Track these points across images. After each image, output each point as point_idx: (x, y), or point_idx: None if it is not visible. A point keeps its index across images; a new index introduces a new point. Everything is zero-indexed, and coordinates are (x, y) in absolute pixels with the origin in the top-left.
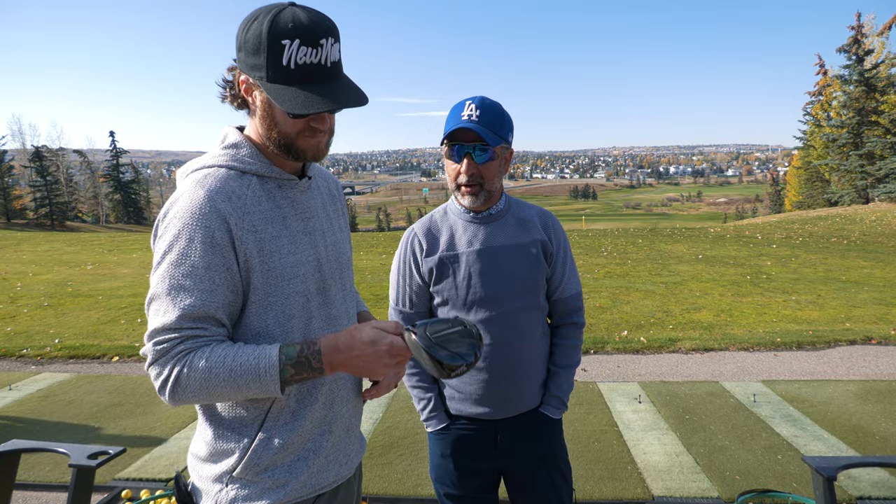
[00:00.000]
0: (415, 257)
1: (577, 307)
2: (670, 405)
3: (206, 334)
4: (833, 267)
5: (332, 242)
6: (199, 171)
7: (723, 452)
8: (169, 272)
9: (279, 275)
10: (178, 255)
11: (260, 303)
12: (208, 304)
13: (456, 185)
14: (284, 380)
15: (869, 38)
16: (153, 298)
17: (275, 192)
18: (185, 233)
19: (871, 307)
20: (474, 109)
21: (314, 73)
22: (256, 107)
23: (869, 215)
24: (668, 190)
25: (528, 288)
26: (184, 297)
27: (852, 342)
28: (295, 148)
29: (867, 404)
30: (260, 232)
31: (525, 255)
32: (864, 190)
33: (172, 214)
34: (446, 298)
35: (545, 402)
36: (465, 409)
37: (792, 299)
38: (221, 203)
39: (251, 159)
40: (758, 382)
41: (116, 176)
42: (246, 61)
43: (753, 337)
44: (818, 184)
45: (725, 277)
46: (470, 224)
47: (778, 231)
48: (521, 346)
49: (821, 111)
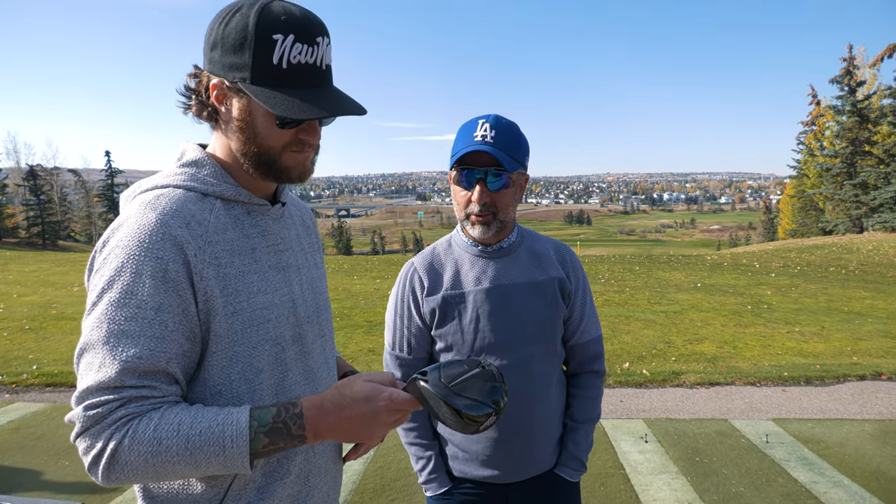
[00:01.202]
0: (414, 296)
1: (597, 353)
2: (678, 445)
3: (154, 395)
4: (834, 297)
5: (308, 280)
6: (150, 192)
7: (738, 500)
8: (108, 315)
9: (247, 318)
10: (120, 292)
11: (223, 353)
12: (158, 355)
13: (465, 214)
14: (255, 451)
15: (861, 69)
16: (85, 349)
17: (243, 219)
18: (129, 265)
19: (878, 340)
20: (488, 129)
21: (309, 75)
22: (231, 117)
23: (865, 244)
24: (662, 216)
25: (545, 332)
26: (127, 345)
27: (862, 377)
28: (278, 165)
29: (886, 447)
30: (224, 266)
31: (541, 294)
32: (858, 219)
33: (114, 243)
34: (450, 344)
35: (562, 462)
36: (471, 470)
37: (796, 331)
38: (177, 229)
39: (214, 179)
40: (768, 421)
41: (111, 196)
42: (222, 60)
43: (760, 371)
44: (812, 212)
45: (726, 307)
46: (478, 259)
47: (775, 259)
48: (535, 399)
49: (814, 140)
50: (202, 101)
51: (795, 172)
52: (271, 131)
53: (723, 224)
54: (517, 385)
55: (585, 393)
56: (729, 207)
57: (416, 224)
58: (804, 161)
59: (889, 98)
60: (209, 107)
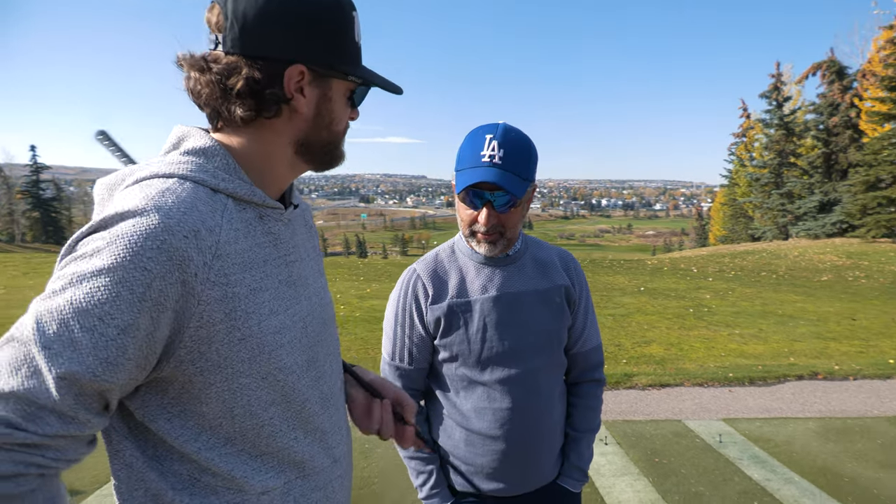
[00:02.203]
0: (418, 304)
1: (598, 362)
2: (637, 447)
3: (76, 433)
4: (769, 301)
5: (315, 292)
6: (149, 181)
7: (699, 499)
8: (62, 314)
9: (256, 346)
10: (87, 295)
11: (223, 385)
12: (101, 382)
13: (470, 231)
14: None
15: (787, 85)
16: (15, 338)
17: (254, 225)
18: (110, 267)
19: (811, 341)
20: (497, 148)
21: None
22: (306, 104)
23: (792, 251)
24: (601, 222)
25: (551, 341)
26: (70, 358)
27: (800, 377)
28: (339, 150)
29: (829, 443)
30: (233, 284)
31: (547, 302)
32: (784, 227)
33: (105, 237)
34: (455, 354)
35: (565, 473)
36: (476, 484)
37: (736, 333)
38: (181, 239)
39: (226, 174)
40: (719, 421)
41: (36, 193)
42: (308, 41)
43: (706, 372)
44: (742, 220)
45: (669, 310)
46: (483, 266)
47: (711, 264)
48: (542, 411)
49: (745, 152)
50: (273, 96)
51: (727, 181)
52: (344, 115)
53: (658, 230)
54: (524, 397)
55: (587, 402)
56: (663, 214)
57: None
58: (735, 171)
59: (812, 113)
60: (278, 100)
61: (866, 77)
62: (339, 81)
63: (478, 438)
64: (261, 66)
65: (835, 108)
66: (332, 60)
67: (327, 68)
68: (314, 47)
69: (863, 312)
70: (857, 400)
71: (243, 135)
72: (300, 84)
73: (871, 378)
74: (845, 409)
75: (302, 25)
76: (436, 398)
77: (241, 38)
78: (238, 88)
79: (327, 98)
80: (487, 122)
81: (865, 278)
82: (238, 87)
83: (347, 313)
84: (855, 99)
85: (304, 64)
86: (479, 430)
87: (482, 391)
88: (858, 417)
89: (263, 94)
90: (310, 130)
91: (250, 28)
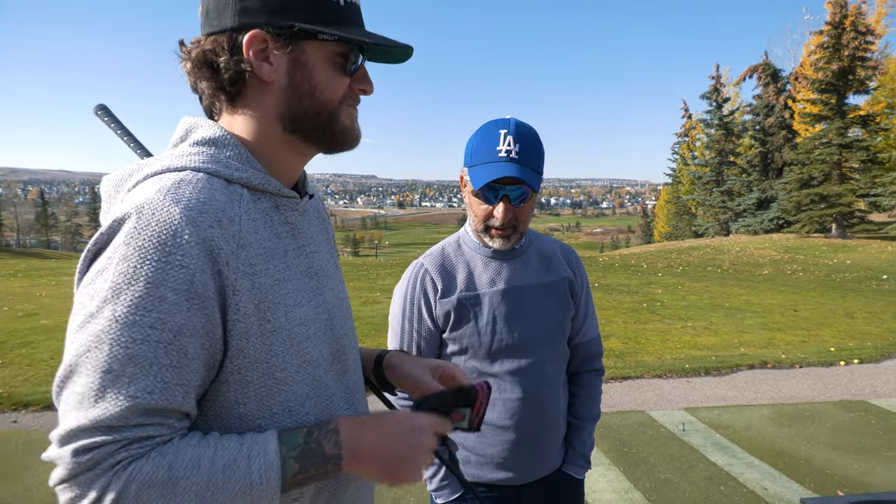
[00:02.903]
0: (426, 298)
1: (598, 352)
2: (606, 438)
3: (161, 434)
4: (716, 294)
5: (336, 285)
6: (161, 176)
7: (668, 486)
8: (111, 333)
9: (286, 338)
10: (130, 306)
11: (260, 382)
12: (174, 388)
13: (485, 226)
14: (285, 482)
15: (726, 87)
16: (75, 373)
17: (271, 215)
18: (145, 272)
19: (758, 332)
20: (512, 143)
21: (358, 16)
22: (277, 73)
23: (734, 246)
24: (550, 220)
25: (557, 333)
26: (135, 375)
27: (751, 367)
28: (338, 126)
29: (783, 428)
30: (258, 275)
31: (553, 294)
32: (725, 223)
33: (123, 240)
34: (465, 346)
35: (569, 460)
36: (485, 474)
37: (689, 325)
38: (208, 228)
39: (240, 163)
40: (681, 410)
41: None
42: (265, 5)
43: (664, 364)
44: (685, 217)
45: (624, 305)
46: (491, 260)
47: (659, 260)
48: (549, 400)
49: (687, 151)
50: (229, 66)
51: (671, 180)
52: (331, 81)
53: (605, 227)
54: (533, 388)
55: (588, 392)
56: (610, 212)
57: None
58: (678, 169)
59: (749, 114)
60: (239, 71)
61: (799, 80)
62: (315, 43)
63: (488, 429)
64: (221, 40)
65: (770, 109)
66: (293, 19)
67: (289, 29)
68: (275, 9)
69: (803, 304)
70: (804, 386)
71: (236, 120)
72: (265, 52)
73: (816, 365)
74: (795, 396)
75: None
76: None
77: (207, 17)
78: (195, 63)
79: (301, 63)
80: (497, 118)
81: (802, 271)
82: (195, 61)
83: None
84: (789, 100)
85: (261, 28)
86: (489, 420)
87: (492, 383)
88: (808, 403)
89: (219, 66)
90: (290, 102)
91: (212, 4)
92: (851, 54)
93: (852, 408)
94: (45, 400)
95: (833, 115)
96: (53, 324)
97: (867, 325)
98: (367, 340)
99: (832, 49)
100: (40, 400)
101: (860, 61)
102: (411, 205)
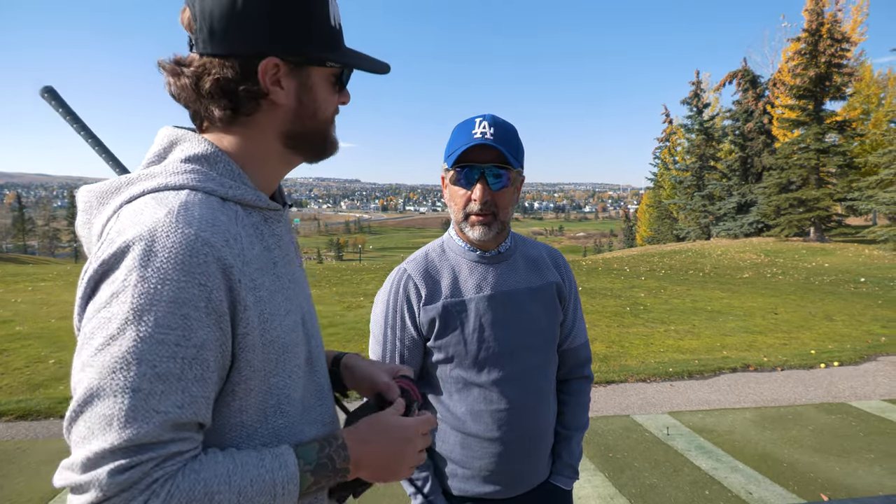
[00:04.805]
0: (409, 305)
1: (587, 358)
2: (591, 443)
3: (191, 448)
4: (698, 298)
5: (305, 288)
6: (164, 194)
7: (654, 491)
8: (138, 353)
9: (281, 346)
10: (154, 325)
11: (259, 389)
12: (200, 402)
13: (464, 214)
14: (301, 492)
15: (706, 92)
16: (97, 395)
17: (261, 229)
18: (167, 291)
19: (740, 335)
20: (487, 127)
21: (342, 35)
22: (287, 96)
23: (715, 249)
24: (534, 224)
25: (547, 339)
26: (167, 391)
27: (734, 370)
28: (331, 139)
29: (766, 431)
30: (259, 289)
31: (540, 300)
32: (706, 227)
33: (139, 262)
34: (451, 355)
35: (557, 471)
36: (472, 488)
37: (671, 329)
38: (222, 248)
39: (232, 180)
40: (665, 414)
41: None
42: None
43: (647, 368)
44: (667, 221)
45: (608, 309)
46: (477, 265)
47: (642, 264)
48: (538, 410)
49: (668, 155)
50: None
51: (652, 184)
52: (329, 101)
53: (587, 232)
54: (521, 397)
55: (577, 399)
56: (593, 216)
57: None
58: (660, 174)
59: (729, 119)
60: (255, 96)
61: (777, 86)
62: (319, 68)
63: (475, 441)
64: (232, 64)
65: (749, 114)
66: (306, 49)
67: (302, 57)
68: (286, 37)
69: (783, 307)
70: (786, 389)
71: (232, 135)
72: (276, 77)
73: (797, 368)
74: (777, 399)
75: (271, 17)
76: (427, 402)
77: (211, 37)
78: (209, 89)
79: (307, 87)
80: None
81: (782, 275)
82: (209, 87)
83: None
84: (767, 106)
85: (276, 56)
86: (475, 432)
87: (478, 393)
88: (790, 406)
89: (237, 92)
90: (295, 122)
91: (218, 26)
92: (828, 61)
93: (833, 410)
94: (20, 410)
95: (811, 121)
96: (29, 331)
97: (846, 328)
98: (350, 346)
99: (809, 56)
100: (14, 410)
101: (836, 68)
102: (395, 209)
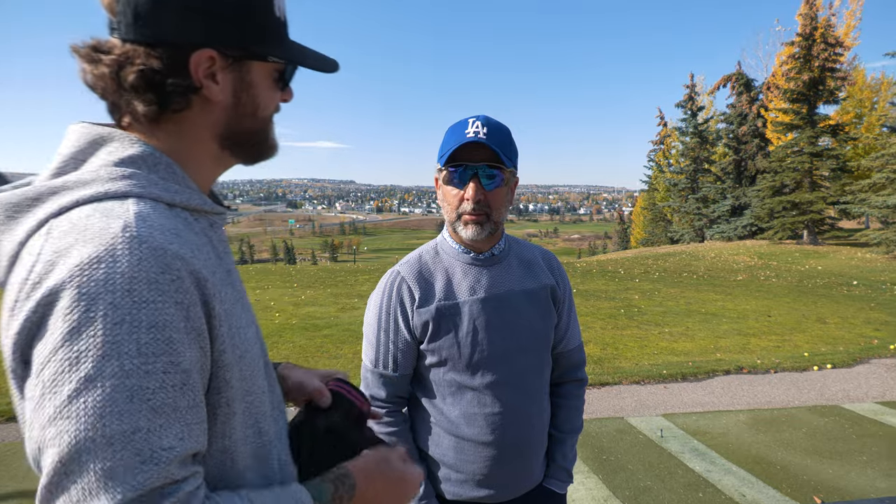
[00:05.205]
0: (403, 308)
1: (581, 360)
2: (585, 445)
3: (197, 484)
4: (692, 300)
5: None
6: (107, 203)
7: (647, 493)
8: (128, 389)
9: (249, 362)
10: (138, 355)
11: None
12: (196, 429)
13: (457, 214)
14: None
15: (701, 96)
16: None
17: (210, 235)
18: (144, 315)
19: (734, 338)
20: (480, 127)
21: (287, 27)
22: (225, 92)
23: (709, 252)
24: (528, 226)
25: (539, 342)
26: (164, 426)
27: (727, 372)
28: (271, 139)
29: (759, 433)
30: (224, 301)
31: (534, 302)
32: (700, 230)
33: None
34: (444, 358)
35: (551, 474)
36: (465, 492)
37: (665, 331)
38: (190, 262)
39: (177, 185)
40: (659, 417)
41: None
42: (214, 21)
43: (641, 370)
44: (661, 223)
45: (602, 311)
46: (470, 267)
47: (636, 266)
48: (532, 413)
49: (663, 158)
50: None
51: (647, 186)
52: (270, 99)
53: (582, 234)
54: (515, 400)
55: (571, 402)
56: (587, 218)
57: (286, 232)
58: (654, 176)
59: (723, 123)
60: (186, 91)
61: (770, 89)
62: (260, 62)
63: (468, 445)
64: (160, 54)
65: (743, 118)
66: (245, 41)
67: (241, 50)
68: (224, 27)
69: (776, 309)
70: (779, 391)
71: (159, 132)
72: (211, 70)
73: (790, 371)
74: (770, 401)
75: (208, 3)
76: (421, 405)
77: (136, 21)
78: (133, 81)
79: (246, 83)
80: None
81: (776, 277)
82: (133, 79)
83: (283, 321)
84: (761, 109)
85: (212, 48)
86: (469, 436)
87: (472, 396)
88: (783, 408)
89: (165, 86)
90: (231, 121)
91: (144, 9)
92: (821, 65)
93: (826, 412)
94: (9, 412)
95: (804, 125)
96: None
97: (839, 331)
98: (345, 347)
99: (803, 60)
100: (4, 412)
101: (830, 72)
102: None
